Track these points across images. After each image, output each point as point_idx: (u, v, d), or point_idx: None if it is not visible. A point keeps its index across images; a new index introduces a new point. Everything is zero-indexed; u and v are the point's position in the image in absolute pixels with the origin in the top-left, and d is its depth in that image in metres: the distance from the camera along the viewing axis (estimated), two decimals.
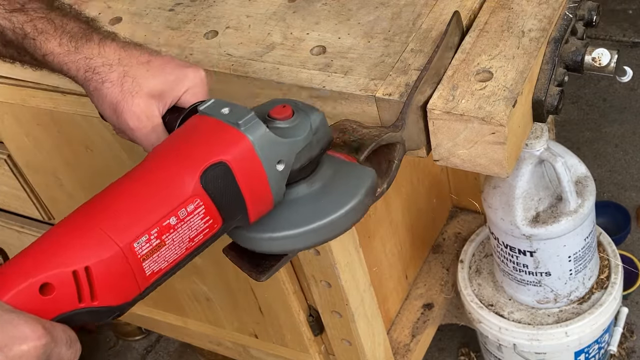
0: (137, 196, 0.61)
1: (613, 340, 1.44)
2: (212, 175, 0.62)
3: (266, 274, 0.71)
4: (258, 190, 0.64)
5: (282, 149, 0.65)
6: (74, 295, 0.57)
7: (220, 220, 0.63)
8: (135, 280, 0.59)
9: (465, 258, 1.44)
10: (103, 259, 0.57)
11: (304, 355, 1.34)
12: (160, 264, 0.61)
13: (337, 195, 0.69)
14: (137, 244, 0.59)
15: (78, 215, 0.61)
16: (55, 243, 0.59)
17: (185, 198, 0.61)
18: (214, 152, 0.62)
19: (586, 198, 1.22)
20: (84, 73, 0.75)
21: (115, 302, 0.59)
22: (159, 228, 0.60)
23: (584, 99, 2.17)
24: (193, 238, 0.62)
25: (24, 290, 0.55)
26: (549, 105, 0.82)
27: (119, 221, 0.59)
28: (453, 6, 0.89)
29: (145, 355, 1.92)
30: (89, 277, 0.57)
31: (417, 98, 0.79)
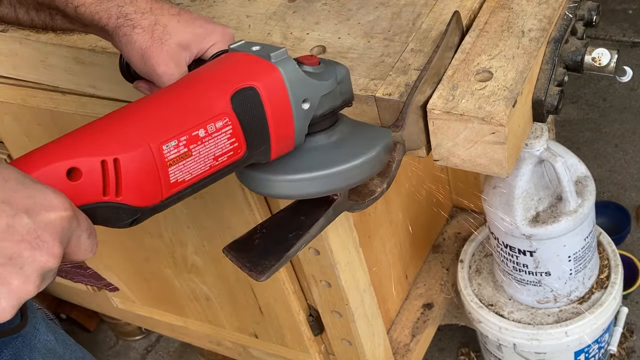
0: (170, 104, 0.64)
1: (613, 340, 1.44)
2: (242, 98, 0.64)
3: (266, 274, 0.71)
4: (282, 124, 0.66)
5: (308, 88, 0.67)
6: (99, 186, 0.58)
7: (244, 146, 0.65)
8: (159, 184, 0.60)
9: (465, 258, 1.44)
10: (132, 154, 0.58)
11: (304, 355, 1.34)
12: (185, 174, 0.62)
13: (354, 147, 0.71)
14: (166, 147, 0.60)
15: (113, 114, 0.63)
16: (88, 133, 0.60)
17: (215, 114, 0.63)
18: (245, 77, 0.65)
19: (586, 198, 1.22)
20: (116, 19, 0.76)
21: (137, 202, 0.60)
22: (188, 137, 0.61)
23: (584, 99, 2.17)
24: (217, 157, 0.64)
25: (52, 170, 0.56)
26: (549, 105, 0.82)
27: (152, 122, 0.61)
28: (453, 6, 0.89)
29: (145, 355, 1.92)
30: (117, 169, 0.58)
31: (417, 98, 0.79)
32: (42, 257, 0.52)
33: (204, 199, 1.13)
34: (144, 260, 1.38)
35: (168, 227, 1.25)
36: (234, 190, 1.07)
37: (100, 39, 1.00)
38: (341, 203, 0.74)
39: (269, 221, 0.76)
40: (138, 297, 1.54)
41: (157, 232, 1.28)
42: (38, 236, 0.52)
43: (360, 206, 0.78)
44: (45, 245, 0.52)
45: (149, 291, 1.49)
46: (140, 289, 1.50)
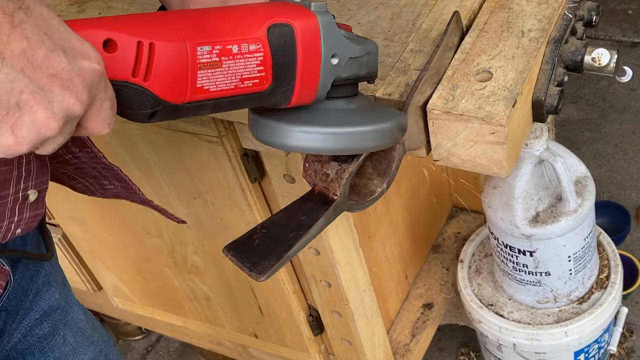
0: (212, 15, 0.66)
1: (613, 340, 1.44)
2: (278, 31, 0.66)
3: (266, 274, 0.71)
4: (310, 70, 0.68)
5: (340, 45, 0.69)
6: (131, 65, 0.59)
7: (270, 78, 0.66)
8: (186, 83, 0.62)
9: (465, 258, 1.44)
10: (168, 44, 0.60)
11: (304, 355, 1.34)
12: (211, 83, 0.63)
13: (370, 116, 0.73)
14: (200, 49, 0.61)
15: (164, 13, 0.66)
16: (132, 17, 0.62)
17: (251, 35, 0.65)
18: (284, 14, 0.67)
19: (586, 198, 1.22)
20: None
21: (162, 93, 0.61)
22: (222, 48, 0.63)
23: (584, 99, 2.17)
24: (244, 79, 0.65)
25: (90, 35, 0.57)
26: (549, 105, 0.82)
27: (193, 24, 0.63)
28: (453, 6, 0.89)
29: (145, 355, 1.92)
30: (150, 54, 0.59)
31: (417, 98, 0.79)
32: (70, 99, 0.53)
33: (203, 199, 1.13)
34: (144, 260, 1.38)
35: (168, 227, 1.25)
36: (234, 190, 1.07)
37: None
38: (341, 203, 0.74)
39: (269, 221, 0.76)
40: (138, 297, 1.54)
41: (157, 232, 1.28)
42: (71, 78, 0.53)
43: (360, 206, 0.78)
44: (75, 89, 0.53)
45: (149, 291, 1.49)
46: (140, 289, 1.50)
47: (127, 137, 1.10)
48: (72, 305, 0.98)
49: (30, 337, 0.90)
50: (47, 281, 0.92)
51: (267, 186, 1.07)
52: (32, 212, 0.81)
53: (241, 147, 1.00)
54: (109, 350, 1.03)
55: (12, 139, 0.52)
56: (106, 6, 1.05)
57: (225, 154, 1.02)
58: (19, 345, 0.89)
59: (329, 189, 0.75)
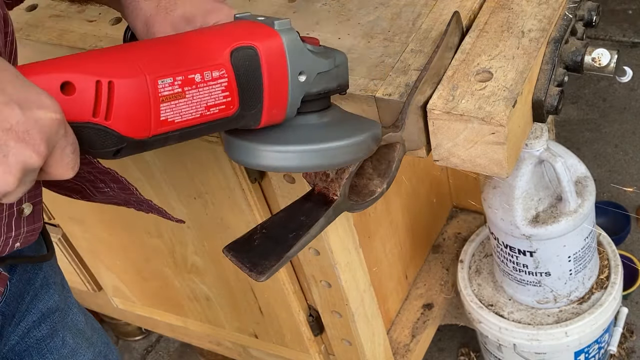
0: (172, 45, 0.65)
1: (613, 340, 1.44)
2: (241, 55, 0.65)
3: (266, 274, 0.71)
4: (277, 90, 0.68)
5: (307, 61, 0.69)
6: (90, 105, 0.58)
7: (237, 103, 0.66)
8: (149, 118, 0.61)
9: (465, 258, 1.44)
10: (128, 80, 0.59)
11: (304, 355, 1.34)
12: (175, 115, 0.62)
13: (343, 130, 0.72)
14: (161, 82, 0.61)
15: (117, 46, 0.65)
16: (88, 55, 0.61)
17: (213, 62, 0.64)
18: (247, 37, 0.66)
19: (586, 198, 1.22)
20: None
21: (125, 131, 0.60)
22: (184, 78, 0.62)
23: (584, 99, 2.17)
24: (210, 107, 0.64)
25: (47, 79, 0.56)
26: (549, 106, 0.82)
27: (151, 57, 0.62)
28: (453, 6, 0.89)
29: (145, 355, 1.92)
30: (110, 92, 0.58)
31: (417, 98, 0.79)
32: (27, 152, 0.52)
33: (203, 199, 1.13)
34: (144, 260, 1.38)
35: (168, 227, 1.25)
36: (234, 190, 1.07)
37: (100, 39, 1.00)
38: (341, 203, 0.74)
39: (269, 221, 0.76)
40: (138, 297, 1.54)
41: (157, 232, 1.28)
42: (27, 130, 0.52)
43: (360, 206, 0.78)
44: (32, 142, 0.52)
45: (149, 291, 1.49)
46: (140, 289, 1.50)
47: None
48: (71, 307, 0.98)
49: (28, 339, 0.90)
50: (46, 283, 0.92)
51: (267, 186, 1.07)
52: (30, 227, 0.80)
53: None
54: (108, 351, 1.03)
55: None
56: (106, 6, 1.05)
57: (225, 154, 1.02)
58: (17, 347, 0.89)
59: (329, 189, 0.75)
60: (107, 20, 1.03)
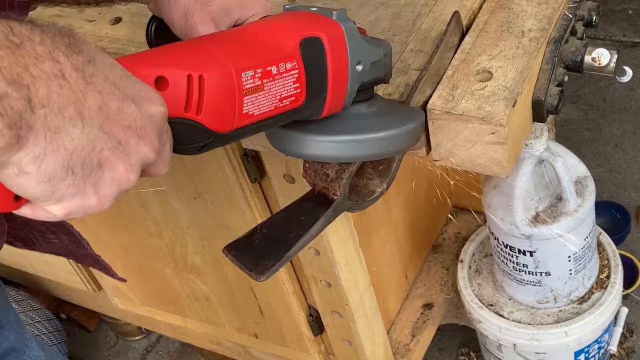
0: (248, 39, 0.65)
1: (613, 340, 1.44)
2: (308, 46, 0.66)
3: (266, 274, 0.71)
4: (339, 79, 0.68)
5: (363, 51, 0.70)
6: (183, 100, 0.58)
7: (304, 93, 0.67)
8: (234, 111, 0.61)
9: (465, 258, 1.44)
10: (216, 74, 0.60)
11: (304, 355, 1.34)
12: (255, 108, 0.63)
13: (393, 118, 0.73)
14: (244, 75, 0.61)
15: (200, 38, 0.66)
16: (177, 49, 0.62)
17: (287, 54, 0.65)
18: (312, 28, 0.67)
19: (586, 198, 1.22)
20: None
21: (213, 125, 0.60)
22: (263, 70, 0.63)
23: (584, 99, 2.17)
24: (282, 99, 0.65)
25: (142, 76, 0.56)
26: (549, 105, 0.82)
27: (234, 50, 0.63)
28: (453, 6, 0.89)
29: (145, 355, 1.92)
30: (200, 87, 0.59)
31: (417, 98, 0.79)
32: (145, 148, 0.52)
33: (203, 199, 1.13)
34: (144, 260, 1.38)
35: (168, 227, 1.25)
36: (234, 190, 1.07)
37: (100, 38, 1.00)
38: (341, 203, 0.74)
39: (269, 221, 0.76)
40: (138, 297, 1.54)
41: (157, 232, 1.28)
42: (143, 126, 0.51)
43: (360, 206, 0.78)
44: (148, 137, 0.52)
45: (149, 291, 1.49)
46: (140, 289, 1.50)
47: None
48: (28, 344, 0.94)
49: None
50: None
51: (267, 186, 1.07)
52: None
53: (241, 147, 1.00)
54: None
55: (95, 199, 0.49)
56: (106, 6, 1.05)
57: (225, 154, 1.02)
58: None
59: (329, 189, 0.75)
60: (107, 20, 1.03)
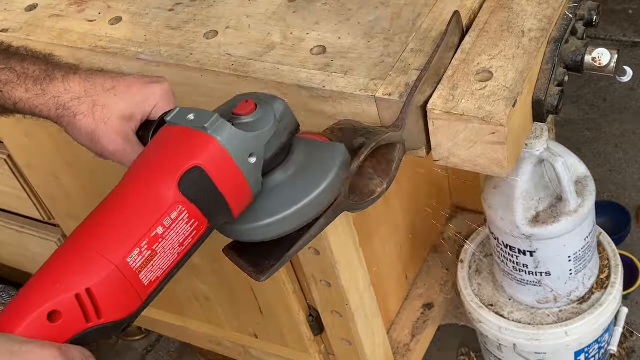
0: (122, 214, 0.65)
1: (613, 340, 1.44)
2: (189, 181, 0.65)
3: (266, 274, 0.71)
4: (236, 186, 0.67)
5: (251, 143, 0.67)
6: (80, 316, 0.61)
7: (205, 220, 0.66)
8: (135, 292, 0.63)
9: (465, 258, 1.44)
10: (101, 279, 0.61)
11: (304, 355, 1.34)
12: (156, 272, 0.64)
13: (312, 176, 0.71)
14: (130, 259, 0.62)
15: (72, 242, 0.65)
16: (55, 272, 0.62)
17: (167, 206, 0.64)
18: (187, 159, 0.65)
19: (586, 198, 1.22)
20: (56, 111, 0.78)
21: (120, 315, 0.63)
22: (148, 239, 0.63)
23: (584, 99, 2.17)
24: (182, 242, 0.65)
25: (34, 321, 0.59)
26: (549, 105, 0.82)
27: (110, 240, 0.63)
28: (453, 6, 0.89)
29: (145, 355, 1.92)
30: (91, 298, 0.61)
31: (417, 98, 0.79)
32: None
33: None
34: None
35: None
36: None
37: (100, 38, 1.00)
38: (341, 203, 0.74)
39: None
40: None
41: None
42: None
43: (360, 206, 0.78)
44: None
45: None
46: None
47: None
48: None
49: None
50: None
51: None
52: None
53: None
54: None
55: None
56: (106, 6, 1.05)
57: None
58: None
59: None
60: (107, 20, 1.03)
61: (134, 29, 1.01)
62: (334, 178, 0.71)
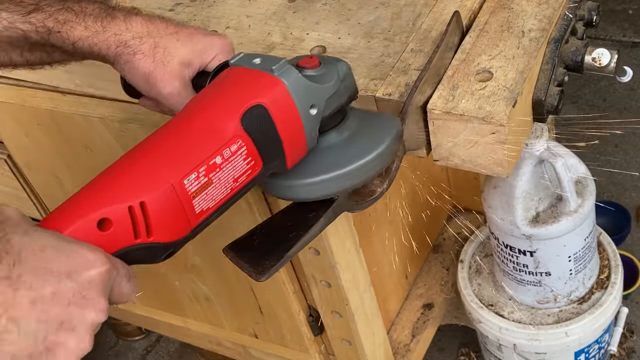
0: (184, 137, 0.64)
1: (613, 340, 1.44)
2: (251, 117, 0.65)
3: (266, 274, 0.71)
4: (294, 134, 0.67)
5: (314, 94, 0.68)
6: (130, 230, 0.59)
7: (260, 162, 0.66)
8: (186, 217, 0.62)
9: (465, 258, 1.44)
10: (157, 194, 0.60)
11: (304, 355, 1.34)
12: (209, 202, 0.63)
13: (365, 141, 0.72)
14: (187, 181, 0.61)
15: (131, 155, 0.64)
16: (111, 181, 0.61)
17: (228, 138, 0.64)
18: (251, 96, 0.65)
19: (586, 198, 1.22)
20: (115, 49, 0.76)
21: (169, 238, 0.61)
22: (207, 166, 0.62)
23: (584, 99, 2.17)
24: (237, 178, 0.65)
25: (83, 225, 0.57)
26: (549, 105, 0.82)
27: (170, 159, 0.62)
28: (453, 6, 0.89)
29: (145, 355, 1.92)
30: (144, 212, 0.59)
31: (417, 98, 0.79)
32: (91, 314, 0.54)
33: None
34: None
35: None
36: None
37: None
38: (341, 203, 0.74)
39: (269, 221, 0.76)
40: (138, 297, 1.54)
41: None
42: (84, 295, 0.54)
43: (360, 206, 0.78)
44: (92, 302, 0.54)
45: (148, 291, 1.49)
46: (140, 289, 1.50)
47: (127, 137, 1.10)
48: None
49: None
50: None
51: None
52: None
53: None
54: None
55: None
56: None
57: None
58: None
59: None
60: None
61: None
62: (386, 148, 0.72)
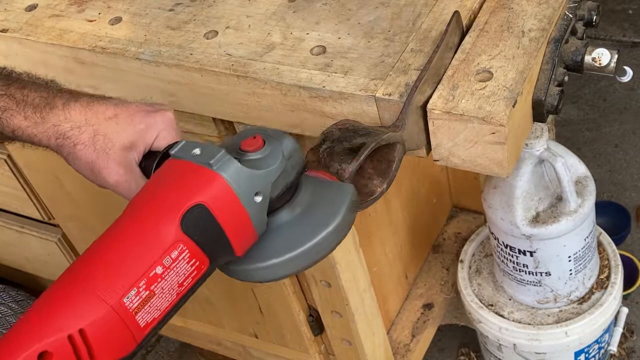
0: (120, 251, 0.62)
1: (613, 340, 1.44)
2: (191, 219, 0.62)
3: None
4: (240, 225, 0.64)
5: (257, 181, 0.65)
6: (72, 359, 0.57)
7: (207, 260, 0.64)
8: (130, 334, 0.60)
9: (465, 258, 1.44)
10: (96, 319, 0.58)
11: (304, 355, 1.34)
12: (153, 313, 0.61)
13: (319, 216, 0.68)
14: (126, 299, 0.59)
15: (66, 278, 0.62)
16: (47, 310, 0.59)
17: (167, 246, 0.61)
18: (190, 195, 0.62)
19: (586, 198, 1.22)
20: (55, 140, 0.75)
21: (114, 358, 0.60)
22: (147, 279, 0.60)
23: (584, 99, 2.17)
24: (182, 282, 0.63)
25: (25, 358, 0.56)
26: (549, 105, 0.82)
27: (107, 277, 0.60)
28: (453, 6, 0.89)
29: (145, 355, 1.92)
30: (84, 339, 0.58)
31: (417, 98, 0.79)
32: None
33: None
34: None
35: None
36: None
37: (100, 38, 1.00)
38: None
39: None
40: None
41: None
42: None
43: (360, 206, 0.78)
44: None
45: None
46: None
47: None
48: None
49: None
50: None
51: None
52: None
53: None
54: None
55: None
56: (106, 6, 1.05)
57: None
58: None
59: None
60: (107, 21, 1.03)
61: (134, 29, 1.01)
62: (342, 220, 0.68)
